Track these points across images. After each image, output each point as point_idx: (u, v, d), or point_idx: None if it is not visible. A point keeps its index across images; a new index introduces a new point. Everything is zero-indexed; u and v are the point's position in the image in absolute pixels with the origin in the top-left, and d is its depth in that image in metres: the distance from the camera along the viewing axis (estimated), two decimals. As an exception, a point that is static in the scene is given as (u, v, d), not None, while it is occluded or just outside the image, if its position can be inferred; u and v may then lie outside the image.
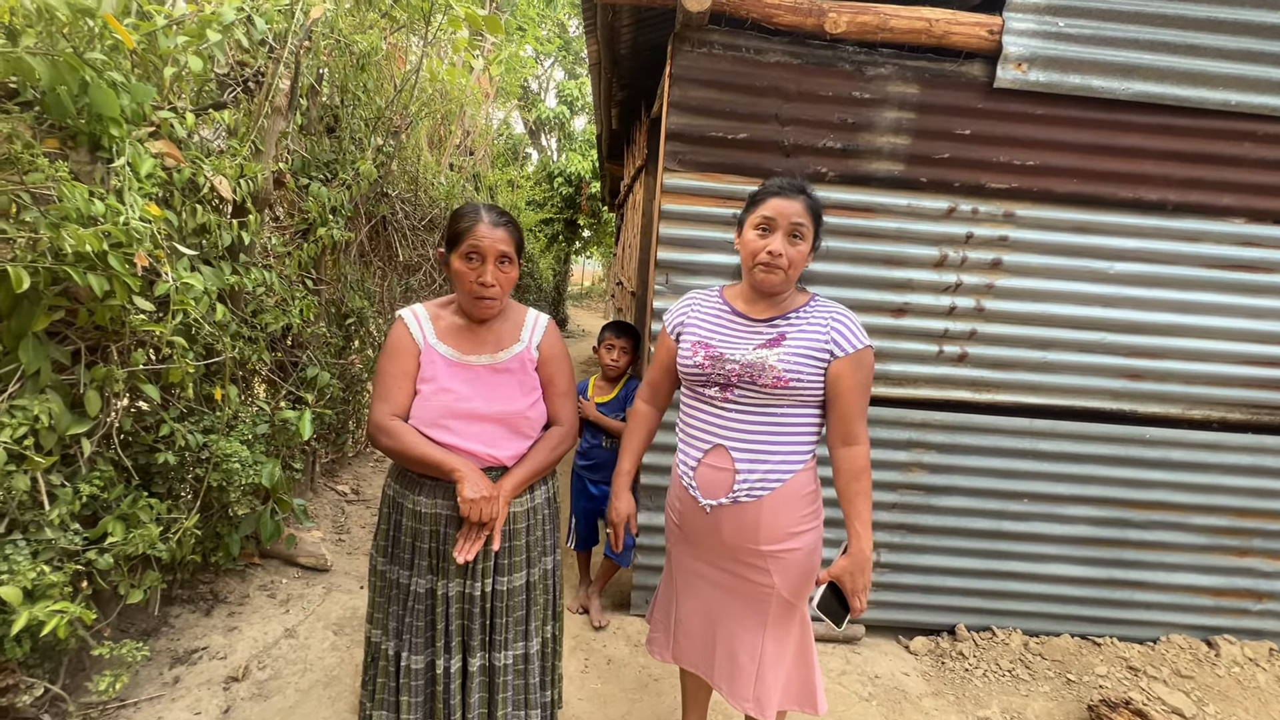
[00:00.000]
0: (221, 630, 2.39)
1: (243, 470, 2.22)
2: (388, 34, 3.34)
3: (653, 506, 2.65)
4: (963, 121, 2.42)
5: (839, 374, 1.44)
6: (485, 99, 6.17)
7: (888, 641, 2.77)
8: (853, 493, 1.46)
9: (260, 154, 2.15)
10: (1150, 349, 2.56)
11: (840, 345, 1.44)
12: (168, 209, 1.83)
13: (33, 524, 1.62)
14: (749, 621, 1.58)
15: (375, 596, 1.52)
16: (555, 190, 11.99)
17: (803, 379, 1.44)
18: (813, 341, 1.45)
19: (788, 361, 1.43)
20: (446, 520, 1.41)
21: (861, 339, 1.46)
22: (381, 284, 4.01)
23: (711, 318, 1.57)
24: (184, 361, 1.88)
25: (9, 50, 1.34)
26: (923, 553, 2.70)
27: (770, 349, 1.46)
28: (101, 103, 1.53)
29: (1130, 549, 2.68)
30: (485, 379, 1.45)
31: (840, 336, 1.45)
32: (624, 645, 2.60)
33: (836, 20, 2.31)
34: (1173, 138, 2.43)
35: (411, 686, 1.42)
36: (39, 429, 1.57)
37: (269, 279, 2.32)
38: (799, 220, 1.44)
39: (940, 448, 2.61)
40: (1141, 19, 2.36)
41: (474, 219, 1.41)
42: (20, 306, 1.54)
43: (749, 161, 2.43)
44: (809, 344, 1.45)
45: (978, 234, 2.49)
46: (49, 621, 1.47)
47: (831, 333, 1.45)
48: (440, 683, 1.42)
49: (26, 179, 1.44)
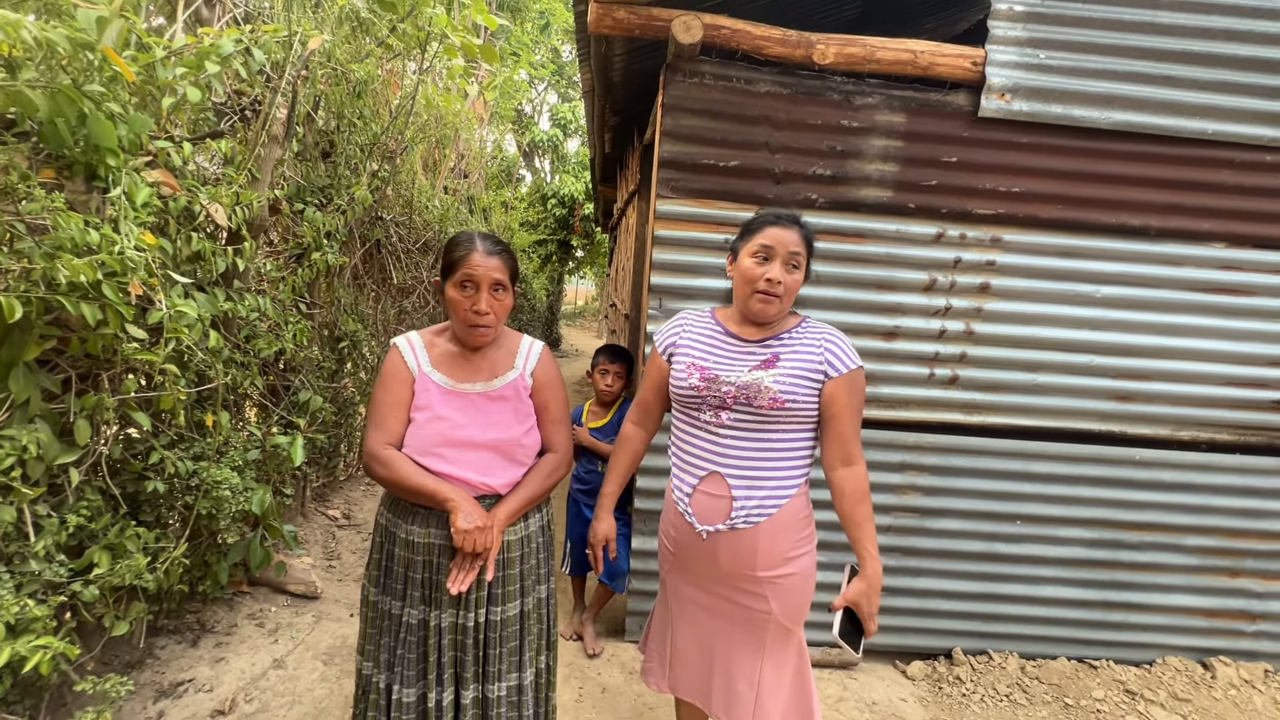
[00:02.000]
0: (208, 661, 2.34)
1: (233, 497, 2.19)
2: (384, 62, 3.39)
3: (647, 531, 2.64)
4: (949, 149, 2.47)
5: (834, 395, 1.45)
6: (479, 123, 6.25)
7: (884, 666, 2.75)
8: (860, 515, 1.45)
9: (256, 181, 2.16)
10: (1138, 371, 2.59)
11: (834, 366, 1.46)
12: (163, 237, 1.83)
13: (17, 556, 1.59)
14: (746, 648, 1.56)
15: (366, 627, 1.50)
16: (549, 211, 12.09)
17: (798, 400, 1.44)
18: (807, 362, 1.46)
19: (783, 383, 1.44)
20: (440, 550, 1.40)
21: (854, 359, 1.47)
22: (375, 307, 4.01)
23: (704, 338, 1.57)
24: (175, 388, 1.87)
25: (9, 84, 1.35)
26: (918, 575, 2.69)
27: (765, 370, 1.46)
28: (99, 134, 1.54)
29: (1124, 570, 2.68)
30: (479, 406, 1.45)
31: (834, 357, 1.46)
32: (618, 673, 2.56)
33: (824, 52, 2.37)
34: (1153, 165, 2.49)
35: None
36: (27, 459, 1.55)
37: (263, 305, 2.32)
38: (796, 250, 1.46)
39: (933, 470, 2.62)
40: (1119, 51, 2.43)
41: (468, 248, 1.41)
42: (11, 335, 1.53)
43: (740, 188, 2.47)
44: (803, 365, 1.46)
45: (966, 259, 2.53)
46: (32, 657, 1.44)
47: (825, 353, 1.47)
48: (432, 716, 1.39)
49: (22, 209, 1.45)
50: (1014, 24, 2.41)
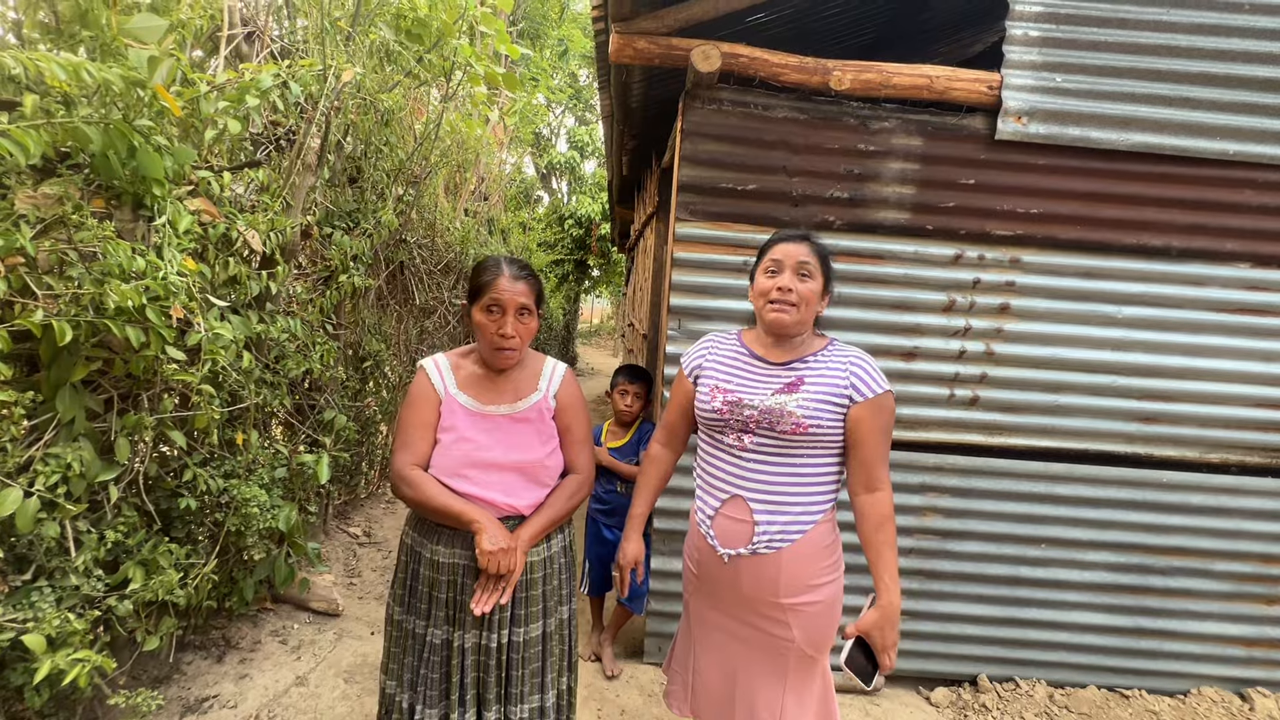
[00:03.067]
0: (233, 678, 2.37)
1: (260, 514, 2.24)
2: (411, 92, 3.51)
3: (667, 551, 2.64)
4: (966, 171, 2.49)
5: (859, 419, 1.43)
6: (499, 147, 6.39)
7: (908, 693, 2.70)
8: (879, 542, 1.43)
9: (290, 208, 2.24)
10: (1163, 392, 2.56)
11: (860, 390, 1.43)
12: (202, 262, 1.91)
13: (58, 570, 1.65)
14: (769, 676, 1.54)
15: (390, 646, 1.52)
16: (566, 232, 12.24)
17: (822, 424, 1.43)
18: (832, 386, 1.44)
19: (806, 407, 1.43)
20: (464, 570, 1.42)
21: (881, 383, 1.44)
22: (398, 327, 4.09)
23: (729, 361, 1.57)
24: (210, 408, 1.93)
25: (67, 120, 1.43)
26: (941, 599, 2.65)
27: (789, 394, 1.45)
28: (148, 165, 1.62)
29: (1154, 596, 2.62)
30: (504, 428, 1.48)
31: (860, 381, 1.44)
32: (637, 695, 2.55)
33: (841, 78, 2.42)
34: (1173, 185, 2.49)
35: None
36: (70, 476, 1.61)
37: (293, 326, 2.39)
38: (804, 259, 1.47)
39: (955, 492, 2.60)
40: (1136, 74, 2.45)
41: (495, 273, 1.45)
42: (60, 357, 1.60)
43: (758, 211, 2.51)
44: (828, 389, 1.44)
45: (985, 279, 2.53)
46: (70, 670, 1.48)
47: (851, 377, 1.44)
48: None
49: (75, 237, 1.52)
50: (1029, 48, 2.44)
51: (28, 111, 1.38)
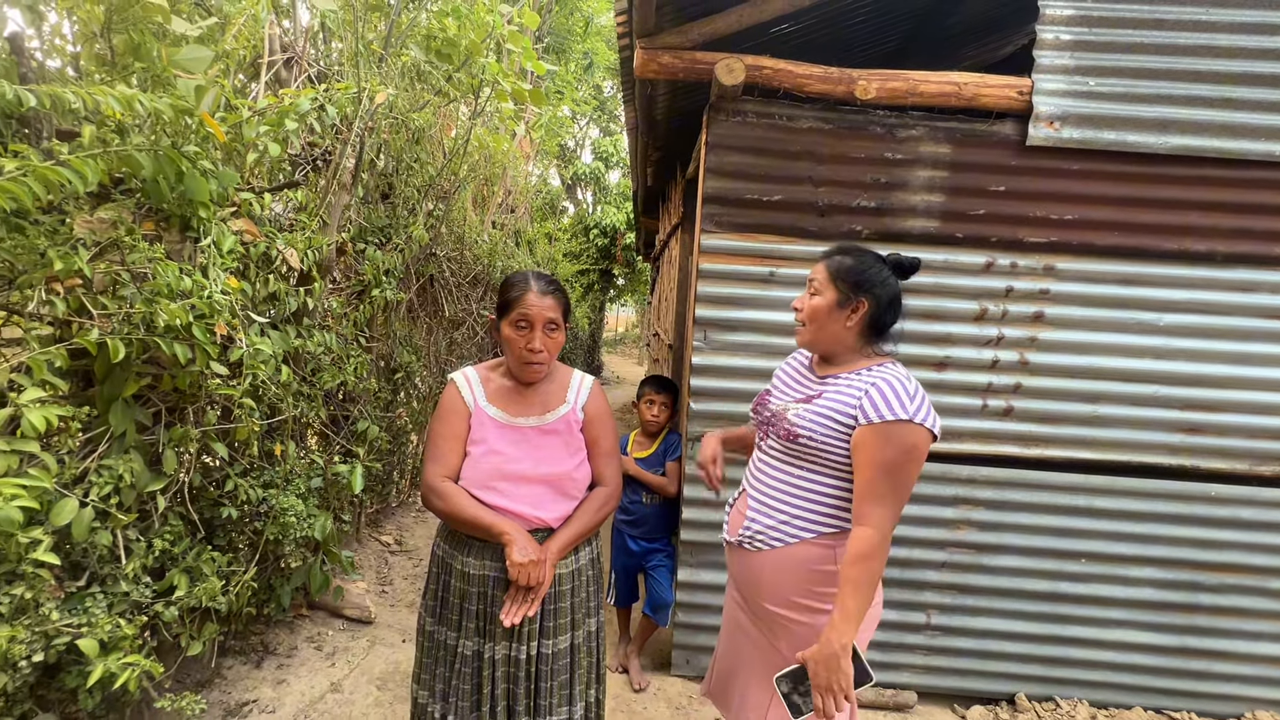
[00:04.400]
0: (271, 683, 2.43)
1: (298, 523, 2.31)
2: (441, 110, 3.59)
3: (695, 563, 2.63)
4: (997, 178, 2.45)
5: (860, 443, 1.33)
6: (525, 159, 6.49)
7: (942, 710, 2.64)
8: (843, 576, 1.30)
9: (326, 226, 2.32)
10: (1208, 402, 2.47)
11: (866, 411, 1.32)
12: (243, 280, 1.98)
13: (109, 577, 1.72)
14: (760, 679, 1.51)
15: (423, 657, 1.54)
16: (591, 242, 12.35)
17: (815, 438, 1.38)
18: (841, 404, 1.38)
19: (804, 418, 1.40)
20: (494, 582, 1.44)
21: (897, 410, 1.29)
22: (428, 339, 4.17)
23: (792, 370, 1.63)
24: (251, 420, 2.00)
25: (122, 148, 1.51)
26: (976, 615, 2.59)
27: (801, 403, 1.46)
28: (195, 189, 1.69)
29: (1204, 615, 2.52)
30: (533, 440, 1.51)
31: (871, 402, 1.32)
32: (665, 708, 2.54)
33: (866, 87, 2.40)
34: (1217, 189, 2.41)
35: None
36: (122, 487, 1.68)
37: (329, 340, 2.46)
38: (812, 276, 1.51)
39: (989, 504, 2.54)
40: (1174, 75, 2.38)
41: (523, 288, 1.48)
42: (112, 374, 1.68)
43: (784, 222, 2.50)
44: (837, 405, 1.38)
45: (1018, 287, 2.48)
46: (121, 674, 1.54)
47: (864, 398, 1.34)
48: None
49: (127, 259, 1.60)
50: (1061, 52, 2.39)
51: (86, 141, 1.46)
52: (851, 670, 1.26)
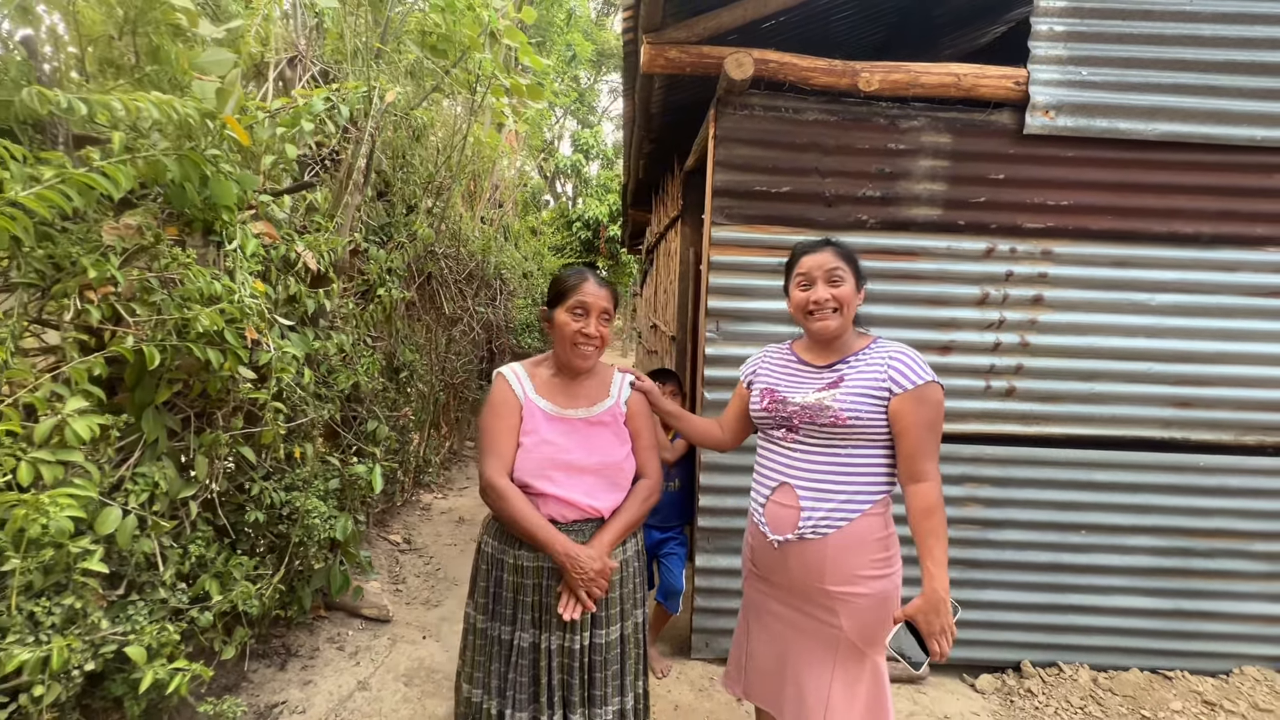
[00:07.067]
0: (297, 684, 2.44)
1: (322, 525, 2.31)
2: (435, 104, 3.56)
3: (711, 549, 2.69)
4: (996, 166, 2.53)
5: (899, 410, 1.48)
6: (513, 153, 6.45)
7: (952, 680, 2.75)
8: (923, 531, 1.46)
9: (340, 227, 2.31)
10: (1197, 377, 2.59)
11: (898, 382, 1.48)
12: (265, 282, 1.97)
13: (147, 584, 1.71)
14: (817, 663, 1.59)
15: (474, 655, 1.56)
16: (574, 234, 12.31)
17: (861, 417, 1.49)
18: (871, 380, 1.51)
19: (844, 401, 1.50)
20: (548, 573, 1.48)
21: (922, 374, 1.48)
22: (428, 337, 4.15)
23: (779, 367, 1.68)
24: (275, 424, 2.00)
25: (151, 154, 1.49)
26: (983, 588, 2.69)
27: (829, 391, 1.53)
28: (220, 193, 1.68)
29: (1195, 578, 2.66)
30: (582, 431, 1.55)
31: (898, 374, 1.49)
32: (689, 691, 2.60)
33: (869, 79, 2.46)
34: (1202, 173, 2.52)
35: None
36: (157, 494, 1.67)
37: (343, 341, 2.45)
38: (832, 266, 1.55)
39: (994, 481, 2.64)
40: (1162, 65, 2.48)
41: (581, 279, 1.55)
42: (143, 380, 1.67)
43: (793, 213, 2.55)
44: (867, 383, 1.51)
45: (1017, 272, 2.57)
46: (172, 680, 1.55)
47: (889, 370, 1.50)
48: None
49: (156, 265, 1.59)
50: (1055, 43, 2.47)
51: (116, 147, 1.44)
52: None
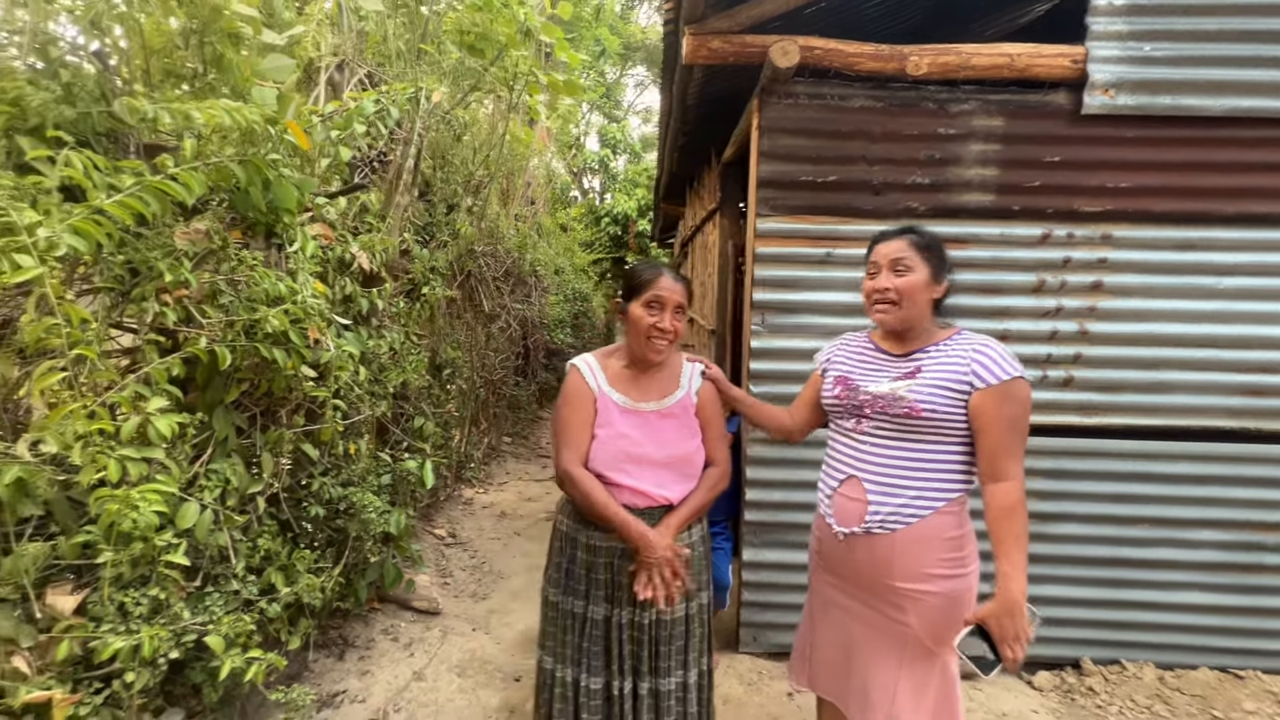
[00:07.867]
0: (356, 674, 2.50)
1: (377, 519, 2.37)
2: (474, 102, 3.60)
3: (759, 543, 2.67)
4: (1051, 149, 2.45)
5: (981, 406, 1.42)
6: (545, 150, 6.49)
7: (1008, 676, 2.69)
8: (1002, 532, 1.40)
9: (391, 227, 2.35)
10: (1270, 364, 2.47)
11: (982, 376, 1.42)
12: (322, 283, 2.02)
13: (220, 576, 1.78)
14: (884, 658, 1.56)
15: (548, 627, 1.64)
16: (603, 230, 12.33)
17: (937, 410, 1.44)
18: (951, 373, 1.45)
19: (920, 392, 1.45)
20: (620, 553, 1.54)
21: (1009, 370, 1.41)
22: (469, 334, 4.21)
23: (856, 354, 1.65)
24: (334, 420, 2.05)
25: (220, 159, 1.54)
26: (1039, 583, 2.61)
27: (905, 381, 1.49)
28: (282, 197, 1.73)
29: (1268, 574, 2.55)
30: (654, 424, 1.57)
31: (982, 368, 1.42)
32: (738, 684, 2.60)
33: (918, 63, 2.40)
34: (1275, 149, 2.40)
35: (590, 706, 1.55)
36: (229, 490, 1.73)
37: (394, 339, 2.50)
38: (898, 255, 1.50)
39: (1050, 474, 2.57)
40: (1229, 36, 2.37)
41: (656, 274, 1.56)
42: (213, 380, 1.73)
43: (839, 202, 2.51)
44: (947, 375, 1.45)
45: (1075, 258, 2.49)
46: (249, 669, 1.61)
47: (973, 364, 1.43)
48: (616, 704, 1.54)
49: (224, 268, 1.64)
50: (1115, 18, 2.38)
51: (187, 154, 1.49)
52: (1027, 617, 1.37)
